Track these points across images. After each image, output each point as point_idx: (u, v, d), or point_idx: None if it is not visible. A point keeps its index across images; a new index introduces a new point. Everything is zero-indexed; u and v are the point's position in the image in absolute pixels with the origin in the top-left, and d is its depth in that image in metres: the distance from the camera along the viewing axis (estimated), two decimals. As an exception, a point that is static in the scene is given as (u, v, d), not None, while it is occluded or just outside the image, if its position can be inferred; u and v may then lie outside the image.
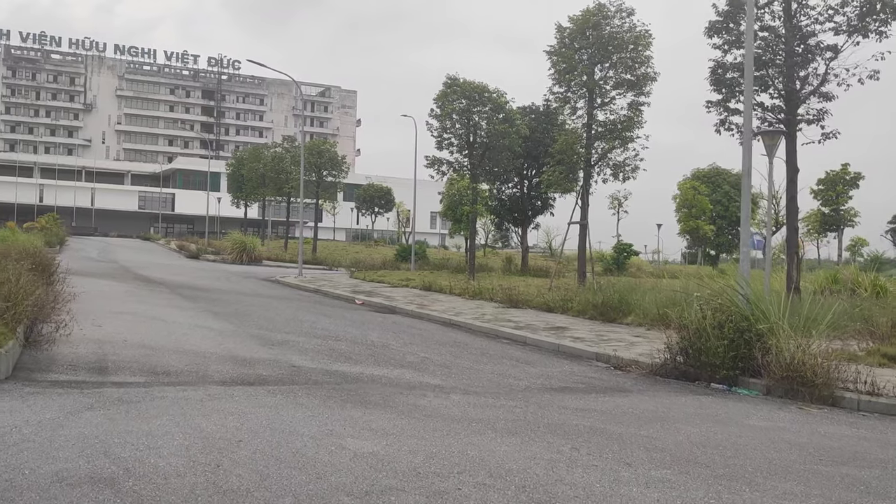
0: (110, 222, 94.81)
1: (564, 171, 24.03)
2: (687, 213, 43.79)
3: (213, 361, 9.26)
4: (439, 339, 13.15)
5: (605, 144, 24.03)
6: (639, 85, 23.56)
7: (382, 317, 16.96)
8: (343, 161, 52.32)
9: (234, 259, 43.41)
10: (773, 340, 9.23)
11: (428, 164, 31.26)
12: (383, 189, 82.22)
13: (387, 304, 19.43)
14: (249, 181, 60.42)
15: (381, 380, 8.69)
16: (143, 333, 11.40)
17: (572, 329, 14.50)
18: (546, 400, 8.08)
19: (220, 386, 7.71)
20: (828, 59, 16.95)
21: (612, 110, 23.98)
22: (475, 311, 17.64)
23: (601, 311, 16.08)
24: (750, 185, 11.42)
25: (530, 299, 18.88)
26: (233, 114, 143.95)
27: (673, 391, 9.19)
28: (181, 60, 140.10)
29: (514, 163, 32.41)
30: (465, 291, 21.89)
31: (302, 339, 11.93)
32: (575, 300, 17.46)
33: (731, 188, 57.18)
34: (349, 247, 68.73)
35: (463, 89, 30.24)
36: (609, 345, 12.40)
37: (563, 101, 24.47)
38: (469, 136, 30.69)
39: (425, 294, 22.81)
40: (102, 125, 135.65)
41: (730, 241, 58.08)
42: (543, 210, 36.29)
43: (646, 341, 12.90)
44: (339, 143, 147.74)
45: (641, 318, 15.18)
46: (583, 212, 23.81)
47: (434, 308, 18.33)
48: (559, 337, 13.28)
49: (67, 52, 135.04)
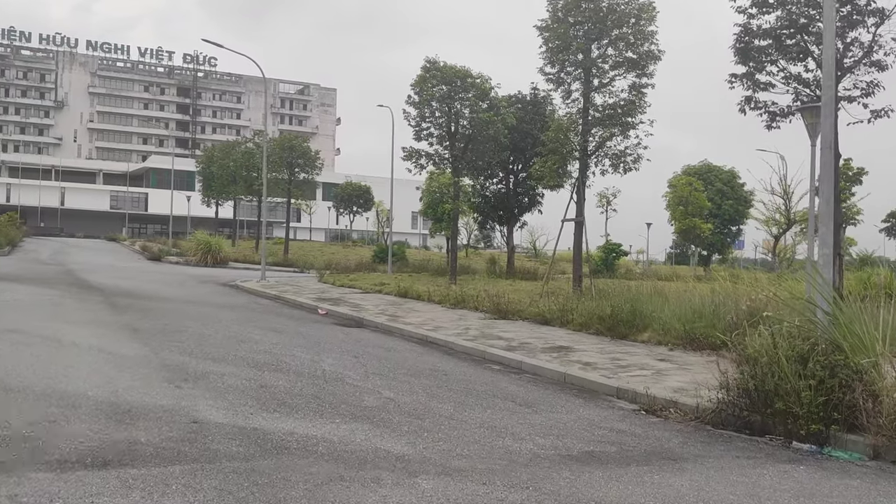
0: (81, 222, 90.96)
1: (557, 161, 21.24)
2: (683, 211, 41.12)
3: (79, 414, 6.37)
4: (412, 366, 10.30)
5: (604, 132, 21.28)
6: (641, 64, 20.85)
7: (345, 332, 14.07)
8: (317, 157, 49.19)
9: (198, 261, 40.28)
10: (879, 380, 6.50)
11: (405, 157, 28.35)
12: (362, 188, 79.20)
13: (354, 314, 16.55)
14: (219, 179, 57.08)
15: (317, 448, 5.82)
16: (11, 363, 8.48)
17: (577, 349, 11.71)
18: (566, 485, 5.25)
19: (49, 472, 4.83)
20: (872, 25, 14.28)
21: (612, 93, 21.27)
22: (457, 325, 14.82)
23: (609, 325, 13.31)
24: (833, 161, 8.65)
25: (522, 309, 16.08)
26: (209, 112, 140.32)
27: (743, 456, 6.40)
28: (156, 57, 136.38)
29: (499, 155, 29.58)
30: (445, 299, 19.06)
31: (230, 369, 9.03)
32: (576, 310, 14.69)
33: (723, 185, 54.78)
34: (326, 247, 65.66)
35: (443, 74, 27.38)
36: (630, 374, 9.62)
37: (556, 84, 21.64)
38: (450, 125, 27.84)
39: (400, 302, 19.96)
40: (74, 123, 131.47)
41: (722, 241, 55.68)
42: (531, 207, 33.48)
43: (676, 368, 10.13)
44: (318, 140, 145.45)
45: (661, 336, 12.43)
46: (578, 207, 21.04)
47: (409, 320, 15.48)
48: (564, 362, 10.48)
49: (38, 47, 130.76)
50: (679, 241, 68.23)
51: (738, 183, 55.53)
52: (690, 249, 69.79)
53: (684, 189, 41.25)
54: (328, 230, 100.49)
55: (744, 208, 55.24)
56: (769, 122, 15.63)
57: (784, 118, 15.35)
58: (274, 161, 46.68)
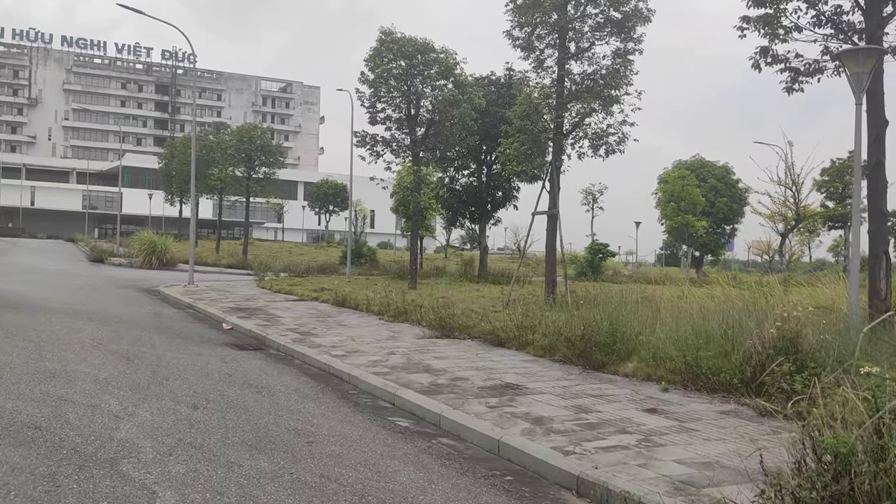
0: (54, 223, 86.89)
1: (527, 141, 17.61)
2: (675, 208, 37.50)
3: None
4: (268, 431, 6.63)
5: (582, 106, 17.68)
6: (627, 26, 17.28)
7: (225, 361, 10.38)
8: (279, 150, 45.35)
9: (142, 263, 36.48)
10: None
11: (358, 143, 24.64)
12: (338, 186, 75.32)
13: (258, 332, 12.86)
14: (179, 175, 53.13)
15: None
16: None
17: (530, 391, 8.09)
18: None
19: None
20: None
21: (592, 60, 17.70)
22: (383, 347, 11.18)
23: (581, 349, 9.66)
24: None
25: (472, 324, 12.43)
26: (188, 109, 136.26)
27: None
28: (133, 53, 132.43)
29: (467, 141, 25.90)
30: (385, 309, 15.39)
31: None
32: (539, 326, 11.09)
33: (717, 181, 51.23)
34: (296, 248, 61.88)
35: (401, 47, 23.67)
36: (602, 443, 5.99)
37: (526, 50, 18.00)
38: (409, 107, 24.19)
39: (332, 312, 16.30)
40: (48, 121, 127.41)
41: (716, 241, 52.14)
42: (505, 202, 29.84)
43: (676, 429, 6.48)
44: (301, 139, 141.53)
45: (651, 366, 8.82)
46: (551, 198, 17.42)
47: (323, 340, 11.82)
48: (504, 417, 6.84)
49: (11, 42, 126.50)
50: (670, 241, 64.71)
51: (732, 179, 52.03)
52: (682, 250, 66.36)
53: (676, 184, 37.67)
54: (309, 231, 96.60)
55: (738, 206, 51.81)
56: (790, 82, 12.09)
57: (810, 76, 11.86)
58: (230, 155, 42.95)
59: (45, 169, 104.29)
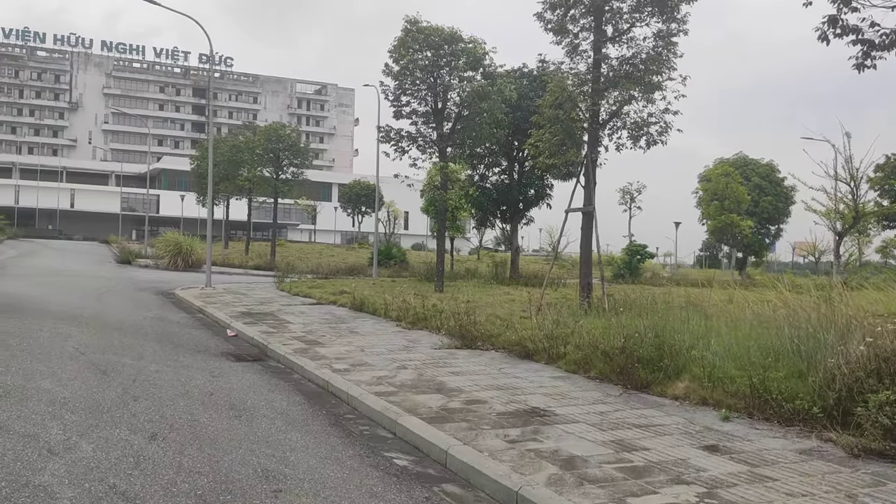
0: (92, 224, 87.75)
1: (559, 132, 16.14)
2: (718, 207, 35.53)
3: None
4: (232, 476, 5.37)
5: (620, 94, 16.17)
6: (670, 5, 15.73)
7: (213, 374, 9.17)
8: (307, 150, 44.40)
9: (167, 264, 35.77)
10: None
11: (382, 138, 23.42)
12: (370, 187, 74.33)
13: (261, 341, 11.63)
14: (208, 177, 52.44)
15: None
16: None
17: (560, 416, 6.71)
18: None
19: None
20: None
21: (632, 43, 16.17)
22: (394, 359, 9.87)
23: (621, 365, 8.23)
24: None
25: (497, 333, 11.05)
26: (225, 112, 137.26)
27: None
28: (171, 57, 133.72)
29: (496, 135, 24.47)
30: (404, 315, 14.08)
31: None
32: (572, 336, 9.67)
33: (761, 180, 48.95)
34: (327, 250, 61.04)
35: (427, 37, 22.39)
36: (652, 499, 4.59)
37: (559, 33, 16.54)
38: (436, 100, 22.88)
39: (348, 318, 15.04)
40: (89, 124, 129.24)
41: (760, 241, 49.82)
42: (538, 201, 28.33)
43: (747, 478, 5.04)
44: (336, 141, 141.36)
45: (707, 389, 7.35)
46: (586, 194, 15.94)
47: (330, 350, 10.55)
48: (525, 456, 5.47)
49: (53, 48, 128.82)
50: (710, 242, 62.33)
51: (777, 177, 49.68)
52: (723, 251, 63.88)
53: (720, 181, 35.69)
54: (343, 233, 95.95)
55: (784, 205, 49.45)
56: (862, 57, 10.52)
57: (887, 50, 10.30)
58: (259, 155, 42.17)
59: (84, 172, 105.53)
